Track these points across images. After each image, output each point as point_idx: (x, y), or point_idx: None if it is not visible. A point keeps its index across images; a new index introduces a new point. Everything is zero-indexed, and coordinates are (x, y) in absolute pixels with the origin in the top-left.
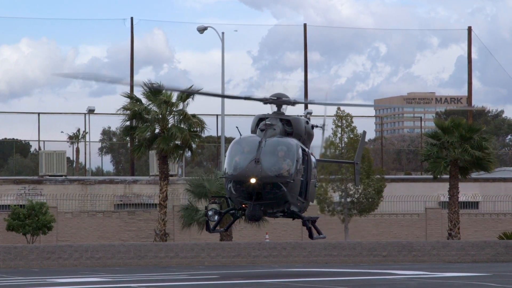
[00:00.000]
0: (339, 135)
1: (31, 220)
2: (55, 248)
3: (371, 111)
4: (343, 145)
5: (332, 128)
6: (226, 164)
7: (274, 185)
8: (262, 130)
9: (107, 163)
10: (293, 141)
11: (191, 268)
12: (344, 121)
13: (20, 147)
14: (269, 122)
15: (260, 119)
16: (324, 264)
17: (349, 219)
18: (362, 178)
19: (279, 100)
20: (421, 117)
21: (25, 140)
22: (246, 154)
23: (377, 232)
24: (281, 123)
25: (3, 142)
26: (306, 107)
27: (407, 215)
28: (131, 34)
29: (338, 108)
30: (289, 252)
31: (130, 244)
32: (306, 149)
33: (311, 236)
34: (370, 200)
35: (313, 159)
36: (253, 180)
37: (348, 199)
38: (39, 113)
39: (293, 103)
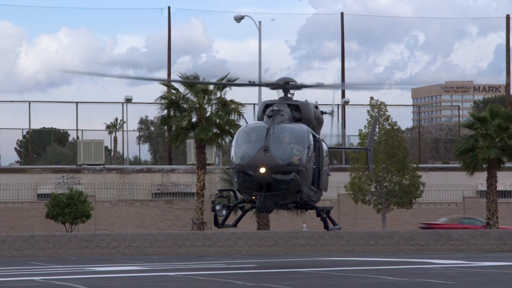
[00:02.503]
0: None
1: (70, 209)
2: (94, 236)
3: (408, 100)
4: (381, 134)
5: (366, 119)
6: (233, 154)
7: (285, 174)
8: (269, 117)
9: (145, 152)
10: (303, 127)
11: (228, 257)
12: (378, 110)
13: (58, 136)
14: (276, 108)
15: (267, 105)
16: (361, 253)
17: (386, 209)
18: (398, 168)
19: (286, 85)
20: (459, 106)
21: (63, 129)
22: (253, 142)
23: (415, 221)
24: (289, 108)
25: (41, 131)
26: (343, 96)
27: (445, 204)
28: (168, 23)
29: (372, 98)
30: (327, 241)
31: (167, 233)
32: (317, 136)
33: (326, 227)
34: (408, 193)
35: (324, 147)
36: (262, 170)
37: (384, 189)
38: (77, 102)
39: (300, 87)
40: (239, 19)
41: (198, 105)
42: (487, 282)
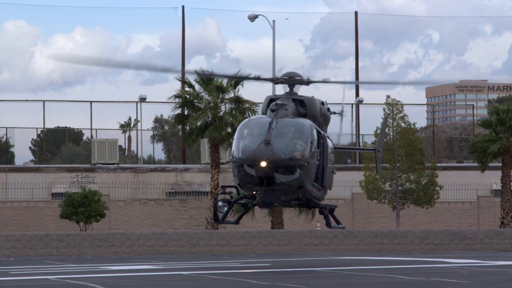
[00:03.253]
0: (389, 123)
1: (84, 208)
2: (108, 235)
3: (423, 99)
4: (393, 133)
5: (381, 117)
6: (234, 148)
7: (287, 168)
8: (273, 111)
9: (159, 151)
10: (307, 122)
11: (242, 256)
12: (394, 109)
13: (72, 135)
14: (280, 102)
15: (271, 99)
16: (375, 252)
17: (402, 207)
18: (416, 167)
19: (291, 80)
20: (473, 105)
21: (77, 128)
22: (255, 136)
23: (429, 221)
24: (293, 103)
25: (56, 131)
26: (357, 95)
27: (459, 203)
28: (183, 22)
29: (388, 96)
30: (341, 240)
31: (181, 232)
32: (322, 132)
33: (328, 224)
34: (425, 192)
35: (330, 144)
36: (263, 164)
37: (399, 188)
38: (91, 102)
39: (306, 82)
40: (253, 18)
41: (212, 104)
42: (502, 282)
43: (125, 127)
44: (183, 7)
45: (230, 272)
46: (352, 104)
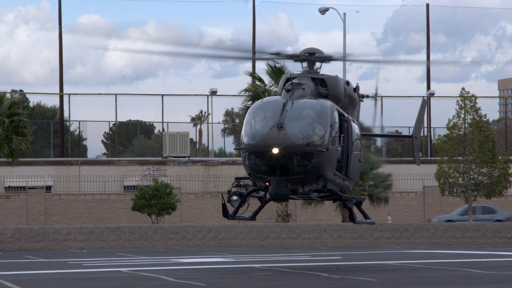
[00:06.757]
0: (462, 116)
1: (156, 201)
2: (179, 228)
3: (495, 92)
4: (466, 126)
5: (455, 109)
6: (242, 133)
7: (303, 155)
8: (288, 91)
9: (230, 144)
10: (327, 103)
11: (313, 249)
12: (468, 102)
13: (144, 129)
14: (296, 81)
15: (288, 79)
16: (447, 246)
17: (473, 200)
18: (487, 161)
19: (311, 57)
20: None
21: (149, 122)
22: (267, 119)
23: None
24: (313, 83)
25: (128, 124)
26: (428, 88)
27: None
28: (253, 15)
29: (463, 89)
30: (412, 234)
31: (252, 225)
32: (346, 115)
33: (352, 219)
34: (497, 184)
35: (356, 129)
36: (275, 150)
37: (472, 181)
38: (162, 95)
39: (328, 59)
40: (323, 11)
41: None
42: None
43: (196, 120)
44: (253, 0)
45: (300, 265)
46: (423, 97)
